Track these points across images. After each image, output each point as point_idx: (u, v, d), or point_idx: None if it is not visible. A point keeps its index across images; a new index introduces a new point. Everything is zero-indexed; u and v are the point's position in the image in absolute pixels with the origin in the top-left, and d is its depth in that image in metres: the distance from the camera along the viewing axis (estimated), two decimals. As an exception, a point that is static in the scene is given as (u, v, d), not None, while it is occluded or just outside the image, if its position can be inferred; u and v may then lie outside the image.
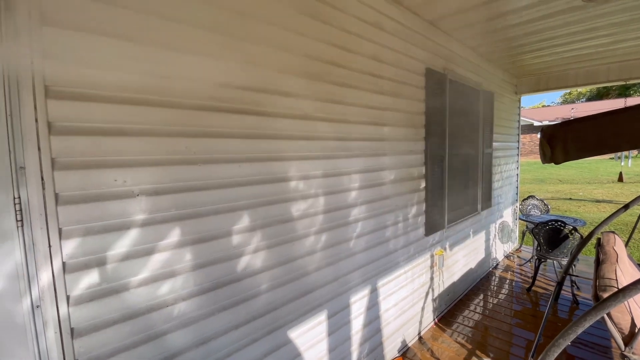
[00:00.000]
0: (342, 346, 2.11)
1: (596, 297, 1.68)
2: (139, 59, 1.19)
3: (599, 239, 2.74)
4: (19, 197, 1.00)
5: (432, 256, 3.04)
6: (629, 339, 1.57)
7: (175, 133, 1.30)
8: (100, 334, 1.15)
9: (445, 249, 3.25)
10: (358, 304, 2.21)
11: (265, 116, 1.60)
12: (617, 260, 2.08)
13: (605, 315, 1.60)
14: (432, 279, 3.06)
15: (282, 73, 1.66)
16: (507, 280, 4.20)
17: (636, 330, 1.56)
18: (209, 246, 1.42)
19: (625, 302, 1.59)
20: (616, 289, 1.66)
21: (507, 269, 4.61)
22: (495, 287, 3.99)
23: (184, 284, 1.35)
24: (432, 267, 3.05)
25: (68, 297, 1.08)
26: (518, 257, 5.10)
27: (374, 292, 2.35)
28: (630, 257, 2.66)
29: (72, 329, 1.09)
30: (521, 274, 4.40)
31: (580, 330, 1.58)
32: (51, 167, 1.03)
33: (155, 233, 1.26)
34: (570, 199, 11.76)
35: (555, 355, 1.67)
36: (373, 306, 2.35)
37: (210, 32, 1.38)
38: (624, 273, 1.97)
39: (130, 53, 1.17)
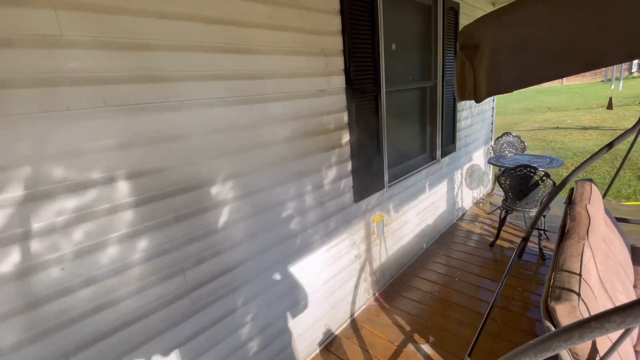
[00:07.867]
0: (223, 364, 1.60)
1: (547, 309, 1.10)
2: None
3: (571, 190, 2.15)
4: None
5: (367, 224, 2.45)
6: (586, 371, 1.04)
7: None
8: None
9: (388, 212, 2.66)
10: (245, 308, 1.66)
11: None
12: (587, 232, 1.48)
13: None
14: (368, 250, 2.52)
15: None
16: (472, 234, 3.71)
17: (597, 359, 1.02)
18: None
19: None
20: (576, 296, 1.08)
21: (473, 219, 4.11)
22: (455, 244, 3.50)
23: None
24: (368, 236, 2.48)
25: None
26: (490, 203, 4.59)
27: (270, 289, 1.78)
28: (607, 212, 2.08)
29: None
30: (490, 225, 3.90)
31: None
32: None
33: None
34: (558, 127, 11.19)
35: None
36: (272, 304, 1.81)
37: None
38: (594, 252, 1.39)
39: None
